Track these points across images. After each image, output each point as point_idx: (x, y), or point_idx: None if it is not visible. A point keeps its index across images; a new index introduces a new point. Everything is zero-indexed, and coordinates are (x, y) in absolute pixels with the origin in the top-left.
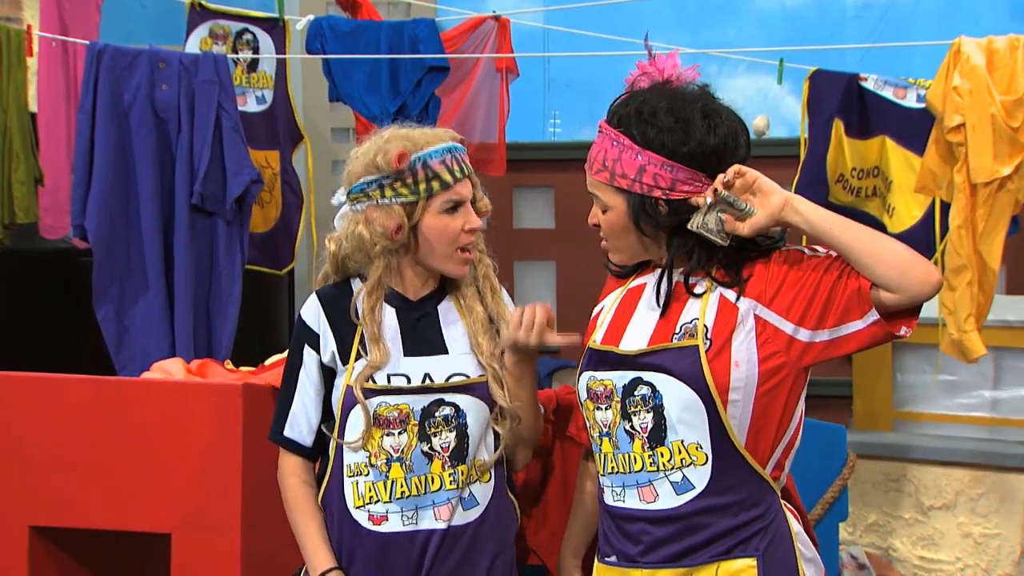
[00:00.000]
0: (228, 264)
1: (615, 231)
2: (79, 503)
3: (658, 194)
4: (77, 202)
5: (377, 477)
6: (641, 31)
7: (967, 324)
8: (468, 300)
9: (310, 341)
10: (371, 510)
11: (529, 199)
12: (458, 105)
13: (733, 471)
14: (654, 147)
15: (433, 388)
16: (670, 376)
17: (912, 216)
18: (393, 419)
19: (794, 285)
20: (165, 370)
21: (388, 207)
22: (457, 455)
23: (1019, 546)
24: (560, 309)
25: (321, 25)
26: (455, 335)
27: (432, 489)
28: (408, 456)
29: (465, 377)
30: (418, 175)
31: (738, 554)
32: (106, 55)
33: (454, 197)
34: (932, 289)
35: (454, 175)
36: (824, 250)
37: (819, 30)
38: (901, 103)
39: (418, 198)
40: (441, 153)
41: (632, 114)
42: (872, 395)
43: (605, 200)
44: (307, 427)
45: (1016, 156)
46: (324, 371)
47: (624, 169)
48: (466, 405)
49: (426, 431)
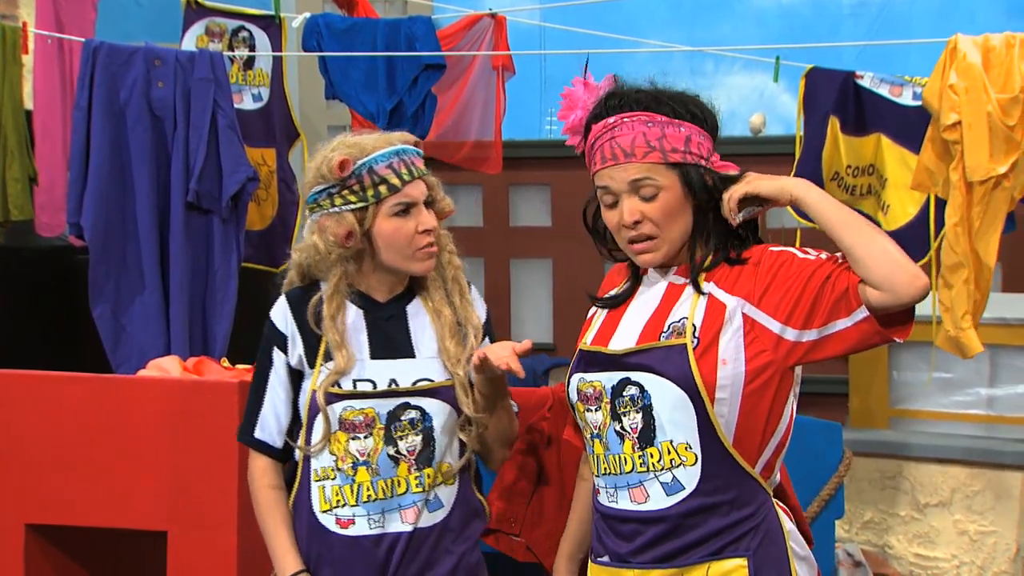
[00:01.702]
0: (224, 262)
1: (671, 213)
2: (75, 501)
3: (704, 162)
4: (73, 200)
5: (344, 481)
6: (637, 29)
7: (964, 321)
8: (437, 303)
9: (278, 343)
10: (338, 514)
11: (525, 197)
12: (454, 103)
13: (722, 471)
14: (685, 117)
15: (399, 392)
16: (658, 376)
17: (907, 214)
18: (359, 423)
19: (782, 285)
20: (161, 368)
21: (338, 215)
22: (423, 458)
23: (1015, 543)
24: (556, 307)
25: (317, 23)
26: (423, 338)
27: (399, 492)
28: (374, 460)
29: (430, 381)
30: (364, 181)
31: (729, 554)
32: (102, 52)
33: (404, 200)
34: (918, 292)
35: (402, 178)
36: (815, 252)
37: (815, 28)
38: (897, 101)
39: (367, 204)
40: (388, 157)
41: (649, 97)
42: (868, 393)
43: (659, 181)
44: (277, 428)
45: (1012, 154)
46: (292, 373)
47: (673, 143)
48: (432, 409)
49: (392, 435)
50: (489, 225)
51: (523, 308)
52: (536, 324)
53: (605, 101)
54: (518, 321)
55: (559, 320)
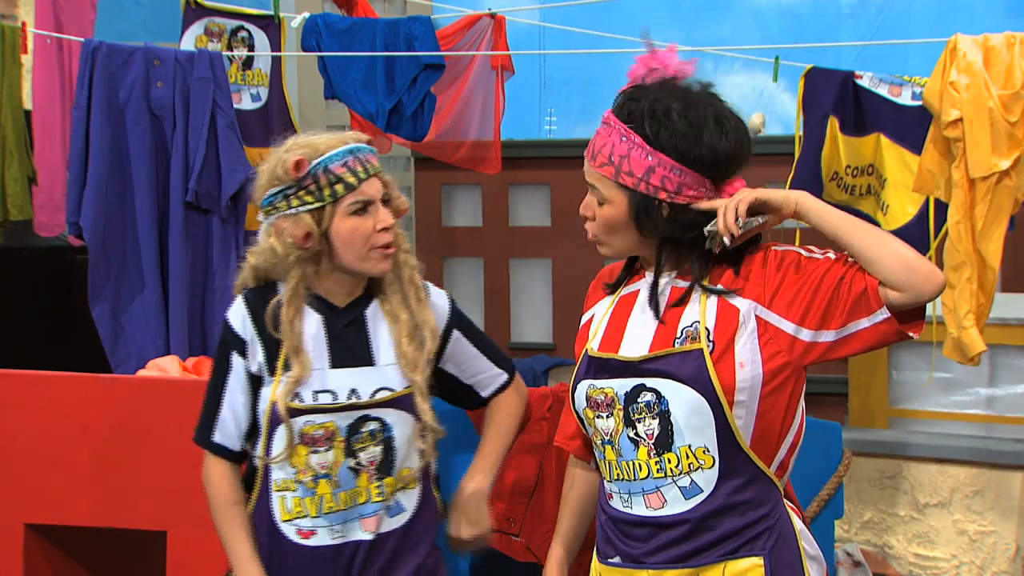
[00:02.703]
0: (223, 262)
1: (611, 226)
2: (75, 501)
3: (663, 196)
4: (72, 200)
5: (304, 493)
6: (637, 28)
7: (966, 320)
8: (394, 306)
9: (237, 348)
10: (299, 524)
11: (525, 197)
12: (453, 103)
13: (740, 472)
14: (666, 149)
15: (358, 405)
16: (675, 381)
17: (906, 214)
18: (319, 437)
19: (792, 286)
20: (161, 368)
21: (296, 216)
22: (383, 468)
23: (1014, 543)
24: (556, 307)
25: (316, 22)
26: (382, 343)
27: (359, 502)
28: (335, 472)
29: (391, 391)
30: (320, 180)
31: (744, 553)
32: (101, 52)
33: (361, 198)
34: (936, 288)
35: (358, 176)
36: (820, 251)
37: (815, 28)
38: (896, 101)
39: (324, 203)
40: (342, 156)
41: (645, 112)
42: (868, 392)
43: (605, 194)
44: (236, 432)
45: (1014, 150)
46: (251, 378)
47: (632, 167)
48: (392, 419)
49: (352, 447)
50: (488, 225)
51: (522, 308)
52: (535, 324)
53: (625, 97)
54: (517, 321)
55: (558, 320)
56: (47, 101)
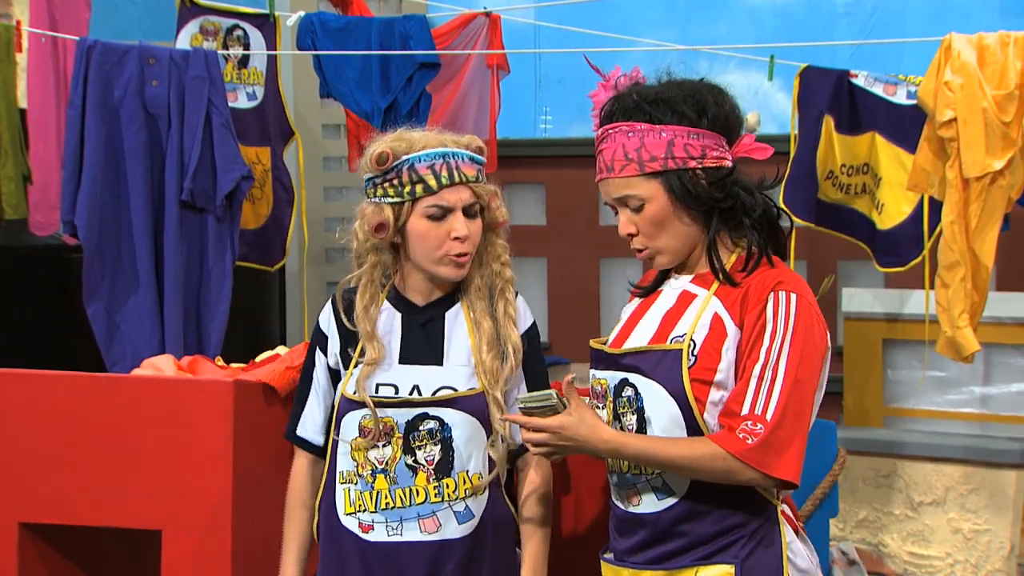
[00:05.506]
0: (218, 260)
1: (658, 223)
2: (70, 500)
3: (693, 164)
4: (67, 198)
5: (364, 487)
6: (632, 27)
7: (960, 320)
8: (478, 313)
9: (320, 344)
10: (360, 518)
11: (520, 196)
12: (449, 102)
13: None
14: (673, 119)
15: (417, 402)
16: (649, 379)
17: (901, 212)
18: (378, 431)
19: (744, 356)
20: (156, 367)
21: (378, 205)
22: (442, 468)
23: (1009, 541)
24: (551, 306)
25: (312, 21)
26: (457, 346)
27: (416, 501)
28: (392, 468)
29: (453, 391)
30: (403, 177)
31: (717, 560)
32: (96, 51)
33: (439, 203)
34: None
35: (440, 181)
36: (779, 347)
37: (810, 27)
38: (891, 100)
39: (403, 200)
40: (431, 157)
41: (637, 102)
42: (863, 391)
43: (640, 194)
44: (315, 426)
45: (1008, 150)
46: (331, 373)
47: (652, 152)
48: (451, 419)
49: (410, 444)
50: None
51: None
52: None
53: (606, 108)
54: None
55: (554, 319)
56: (42, 100)
